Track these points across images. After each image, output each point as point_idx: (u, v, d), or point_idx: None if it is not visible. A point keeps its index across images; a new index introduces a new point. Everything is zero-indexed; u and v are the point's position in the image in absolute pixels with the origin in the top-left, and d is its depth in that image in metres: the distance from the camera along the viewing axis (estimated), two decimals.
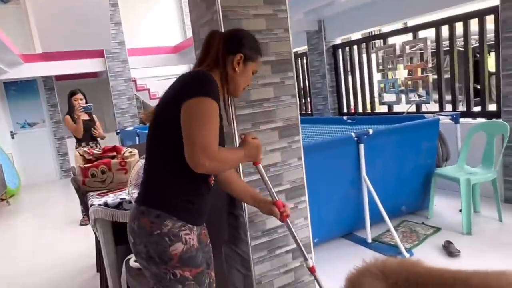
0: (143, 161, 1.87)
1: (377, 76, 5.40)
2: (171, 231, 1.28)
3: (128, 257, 2.12)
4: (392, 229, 3.04)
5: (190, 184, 1.33)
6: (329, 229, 3.24)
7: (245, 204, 1.92)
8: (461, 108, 4.42)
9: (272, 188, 1.69)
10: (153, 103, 8.89)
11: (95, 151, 2.71)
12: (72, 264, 3.53)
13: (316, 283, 1.85)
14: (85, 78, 8.31)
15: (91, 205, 2.15)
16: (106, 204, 2.11)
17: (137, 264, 2.04)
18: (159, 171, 1.33)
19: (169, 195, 1.31)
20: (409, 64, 4.72)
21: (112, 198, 2.21)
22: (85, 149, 2.80)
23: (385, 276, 1.36)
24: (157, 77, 8.48)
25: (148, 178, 1.37)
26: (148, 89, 8.43)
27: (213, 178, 1.46)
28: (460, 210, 3.22)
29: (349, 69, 5.85)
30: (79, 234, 4.38)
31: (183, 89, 1.27)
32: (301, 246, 1.76)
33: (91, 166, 2.45)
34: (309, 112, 6.76)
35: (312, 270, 1.78)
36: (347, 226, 3.37)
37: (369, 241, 3.21)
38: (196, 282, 1.34)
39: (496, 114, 3.71)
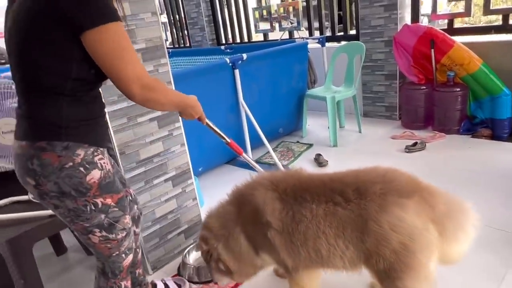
0: None
1: (251, 4, 5.36)
2: (84, 159, 1.16)
3: None
4: (271, 150, 3.22)
5: (89, 104, 1.19)
6: (212, 157, 3.29)
7: (113, 136, 1.78)
8: (328, 33, 4.72)
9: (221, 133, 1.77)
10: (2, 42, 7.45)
11: None
12: None
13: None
14: None
15: None
16: None
17: None
18: (48, 99, 1.12)
19: (71, 121, 1.14)
20: None
21: None
22: None
23: (275, 186, 1.44)
24: None
25: (34, 109, 1.13)
26: None
27: None
28: (328, 127, 3.57)
29: None
30: None
31: (76, 9, 1.04)
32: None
33: None
34: (188, 45, 6.48)
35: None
36: (230, 152, 3.44)
37: None
38: (120, 208, 1.26)
39: (356, 37, 4.06)
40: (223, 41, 5.91)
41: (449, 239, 1.29)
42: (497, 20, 3.79)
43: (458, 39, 3.33)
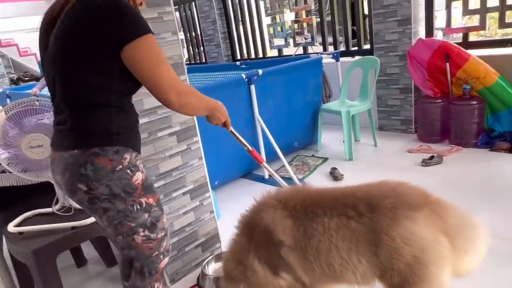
0: (2, 113, 1.64)
1: (266, 20, 5.47)
2: (130, 162, 1.27)
3: (10, 223, 1.91)
4: (286, 164, 3.25)
5: (129, 114, 1.32)
6: (228, 171, 3.34)
7: None
8: (342, 48, 4.76)
9: (244, 140, 1.77)
10: (25, 60, 7.76)
11: None
12: None
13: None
14: None
15: None
16: None
17: (16, 229, 1.86)
18: (98, 111, 1.23)
19: (120, 128, 1.26)
20: (294, 7, 4.86)
21: None
22: None
23: (283, 204, 1.43)
24: (26, 30, 7.34)
25: (84, 120, 1.23)
26: (17, 44, 7.29)
27: None
28: (344, 141, 3.58)
29: (239, 13, 5.79)
30: None
31: (116, 27, 1.14)
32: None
33: None
34: (203, 61, 6.62)
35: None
36: (245, 166, 3.50)
37: (266, 177, 3.41)
38: (159, 208, 1.37)
39: (370, 52, 4.09)
40: (238, 57, 6.02)
41: (459, 252, 1.29)
42: None
43: (474, 52, 3.33)
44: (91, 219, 1.86)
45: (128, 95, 1.30)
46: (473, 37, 3.91)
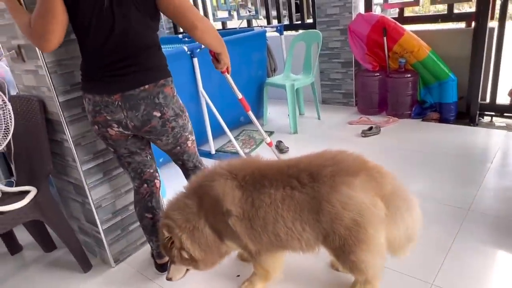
0: None
1: None
2: (174, 88, 1.62)
3: None
4: (233, 139, 3.23)
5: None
6: None
7: (68, 128, 1.72)
8: (286, 22, 4.76)
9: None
10: None
11: None
12: None
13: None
14: None
15: None
16: None
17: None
18: (154, 51, 1.54)
19: (165, 62, 1.59)
20: None
21: None
22: None
23: (234, 174, 1.45)
24: None
25: (149, 60, 1.51)
26: None
27: None
28: (288, 115, 3.63)
29: None
30: None
31: None
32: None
33: None
34: None
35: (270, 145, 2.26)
36: None
37: (213, 152, 3.38)
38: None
39: (313, 25, 4.13)
40: (181, 30, 5.79)
41: (395, 217, 1.37)
42: (443, 9, 4.00)
43: (408, 27, 3.49)
44: (21, 203, 1.72)
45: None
46: (408, 12, 4.08)
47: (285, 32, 4.07)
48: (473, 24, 3.25)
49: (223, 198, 1.42)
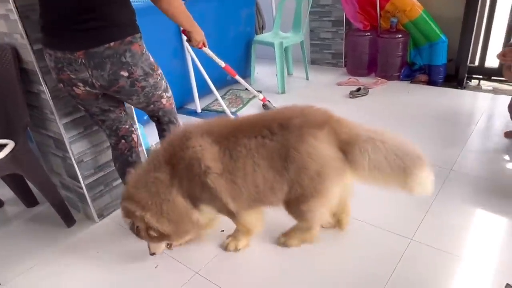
0: None
1: None
2: (143, 45, 1.50)
3: None
4: (219, 98, 3.17)
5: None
6: None
7: (44, 78, 1.63)
8: None
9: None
10: None
11: None
12: None
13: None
14: None
15: None
16: None
17: None
18: (120, 4, 1.40)
19: (133, 17, 1.46)
20: None
21: None
22: None
23: (209, 131, 1.45)
24: None
25: (110, 14, 1.38)
26: None
27: None
28: (277, 74, 3.56)
29: None
30: None
31: None
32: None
33: None
34: None
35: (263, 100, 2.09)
36: (177, 100, 3.31)
37: (199, 111, 3.32)
38: (162, 74, 1.65)
39: None
40: None
41: (356, 164, 1.40)
42: None
43: None
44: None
45: None
46: None
47: None
48: None
49: (201, 156, 1.39)
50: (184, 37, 1.79)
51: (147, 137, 2.67)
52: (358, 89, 3.28)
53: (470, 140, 2.43)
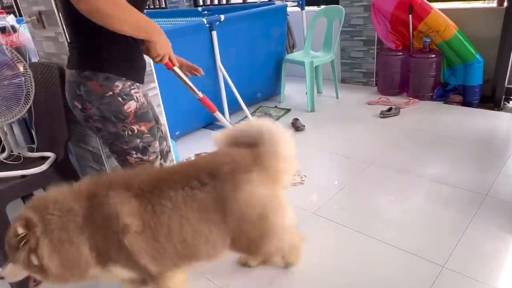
0: None
1: None
2: (122, 91, 1.34)
3: None
4: (249, 115, 3.23)
5: (127, 42, 1.32)
6: (189, 121, 3.27)
7: None
8: None
9: (193, 86, 1.64)
10: None
11: None
12: None
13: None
14: None
15: None
16: None
17: None
18: (94, 32, 1.25)
19: (113, 56, 1.31)
20: None
21: None
22: None
23: (128, 185, 1.27)
24: None
25: (82, 40, 1.31)
26: None
27: None
28: (306, 93, 3.58)
29: None
30: None
31: None
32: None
33: None
34: (163, 6, 6.23)
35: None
36: (207, 116, 3.44)
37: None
38: (151, 135, 1.46)
39: (335, 1, 4.00)
40: (201, 3, 5.71)
41: (280, 176, 1.38)
42: None
43: (436, 5, 3.35)
44: (41, 168, 1.77)
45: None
46: None
47: (306, 7, 3.96)
48: (505, 3, 3.09)
49: (119, 213, 1.21)
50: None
51: (178, 152, 2.75)
52: (389, 109, 3.25)
53: (508, 165, 2.34)
